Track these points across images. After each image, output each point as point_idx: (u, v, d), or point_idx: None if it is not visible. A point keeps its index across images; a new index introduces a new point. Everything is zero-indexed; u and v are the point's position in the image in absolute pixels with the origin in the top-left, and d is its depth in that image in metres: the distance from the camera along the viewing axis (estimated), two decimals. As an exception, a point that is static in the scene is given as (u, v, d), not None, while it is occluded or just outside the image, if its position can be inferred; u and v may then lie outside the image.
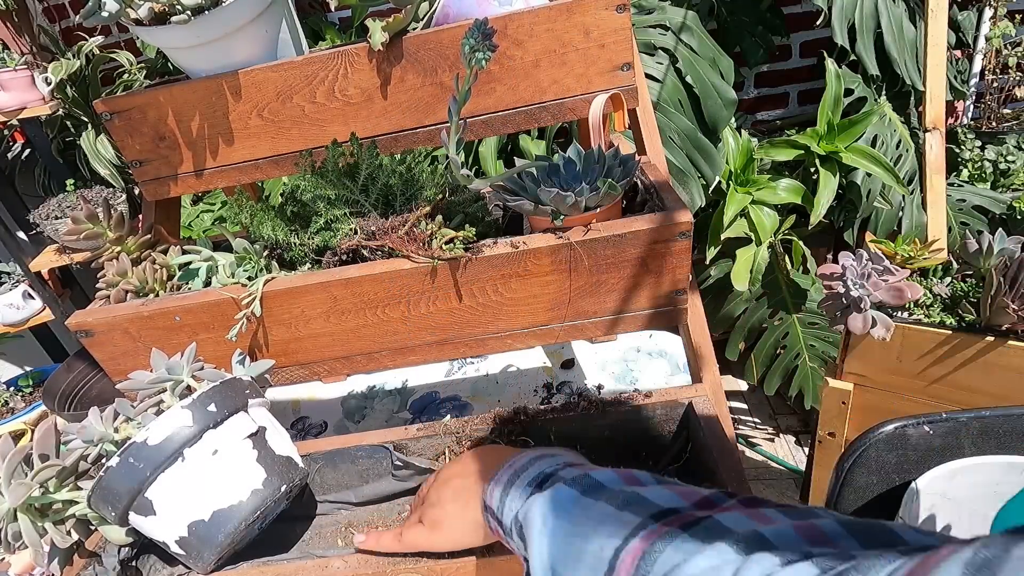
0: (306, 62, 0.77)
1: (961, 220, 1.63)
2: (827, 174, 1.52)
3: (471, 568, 0.54)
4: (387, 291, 0.68)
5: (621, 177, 0.66)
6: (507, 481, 0.49)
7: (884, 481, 0.61)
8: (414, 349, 0.73)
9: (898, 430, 0.60)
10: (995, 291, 0.94)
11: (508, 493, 0.48)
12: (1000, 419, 0.59)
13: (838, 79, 1.54)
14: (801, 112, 2.05)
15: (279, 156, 0.82)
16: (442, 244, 0.65)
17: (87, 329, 0.71)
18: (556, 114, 0.80)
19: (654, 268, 0.67)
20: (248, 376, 0.65)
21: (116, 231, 0.78)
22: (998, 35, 1.72)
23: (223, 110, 0.79)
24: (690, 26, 1.54)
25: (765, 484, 1.82)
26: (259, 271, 0.73)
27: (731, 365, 2.11)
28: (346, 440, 0.70)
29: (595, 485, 0.43)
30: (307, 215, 0.74)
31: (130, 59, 1.79)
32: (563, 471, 0.47)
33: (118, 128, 0.80)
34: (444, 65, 0.77)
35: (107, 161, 1.76)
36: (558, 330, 0.71)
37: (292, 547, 0.63)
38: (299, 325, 0.71)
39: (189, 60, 0.78)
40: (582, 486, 0.43)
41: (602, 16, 0.74)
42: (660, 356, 1.01)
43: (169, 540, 0.56)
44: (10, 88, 1.58)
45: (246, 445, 0.58)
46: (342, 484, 0.69)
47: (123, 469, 0.54)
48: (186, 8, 0.70)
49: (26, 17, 1.69)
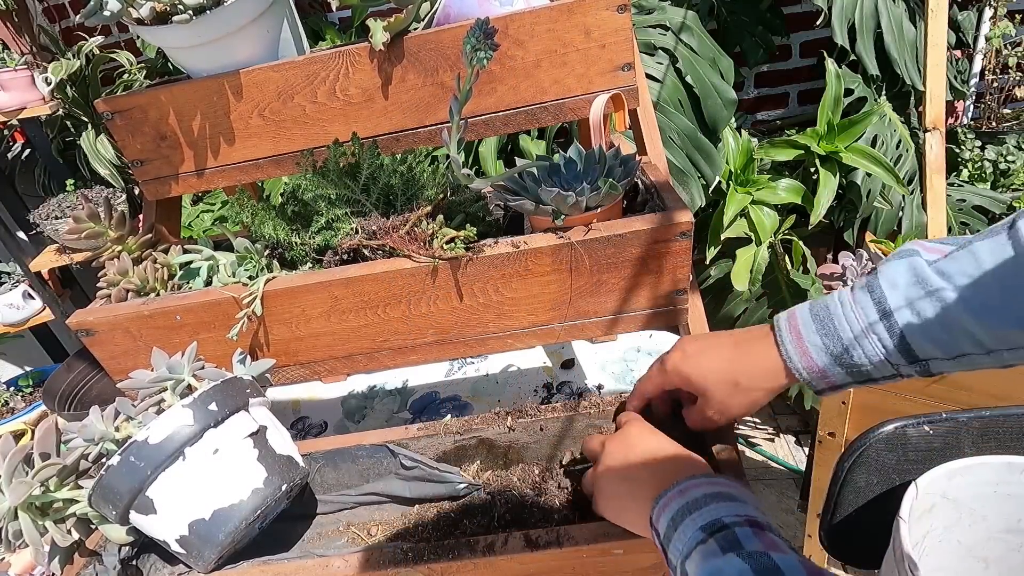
0: (307, 62, 0.77)
1: (961, 220, 1.63)
2: (827, 174, 1.52)
3: (471, 568, 0.54)
4: (388, 291, 0.68)
5: (622, 177, 0.66)
6: (677, 512, 0.45)
7: (884, 481, 0.61)
8: (414, 349, 0.73)
9: (898, 430, 0.60)
10: (995, 291, 0.94)
11: (676, 528, 0.44)
12: (1000, 419, 0.59)
13: (838, 79, 1.54)
14: (801, 112, 2.05)
15: (280, 156, 0.82)
16: (443, 244, 0.65)
17: (88, 328, 0.71)
18: (557, 114, 0.80)
19: (654, 268, 0.67)
20: (249, 375, 0.65)
21: (117, 230, 0.78)
22: (998, 35, 1.72)
23: (224, 110, 0.79)
24: (690, 26, 1.54)
25: (765, 484, 1.82)
26: (260, 270, 0.73)
27: (731, 365, 2.10)
28: (346, 440, 0.70)
29: (772, 569, 0.38)
30: (308, 214, 0.74)
31: (130, 59, 1.79)
32: (741, 529, 0.42)
33: (119, 128, 0.80)
34: (445, 65, 0.77)
35: (107, 161, 1.76)
36: (559, 330, 0.71)
37: (293, 546, 0.63)
38: (300, 324, 0.71)
39: (190, 60, 0.78)
40: (757, 567, 0.39)
41: (603, 16, 0.74)
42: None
43: (170, 539, 0.56)
44: (10, 88, 1.58)
45: (247, 444, 0.58)
46: (342, 484, 0.69)
47: (124, 468, 0.54)
48: (188, 8, 0.70)
49: (26, 17, 1.69)
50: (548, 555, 0.52)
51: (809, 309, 0.51)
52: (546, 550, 0.52)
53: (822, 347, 0.49)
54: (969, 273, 0.43)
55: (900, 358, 0.47)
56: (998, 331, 0.43)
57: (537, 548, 0.52)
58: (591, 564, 0.52)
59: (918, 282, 0.45)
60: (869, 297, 0.47)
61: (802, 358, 0.50)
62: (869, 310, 0.47)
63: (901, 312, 0.46)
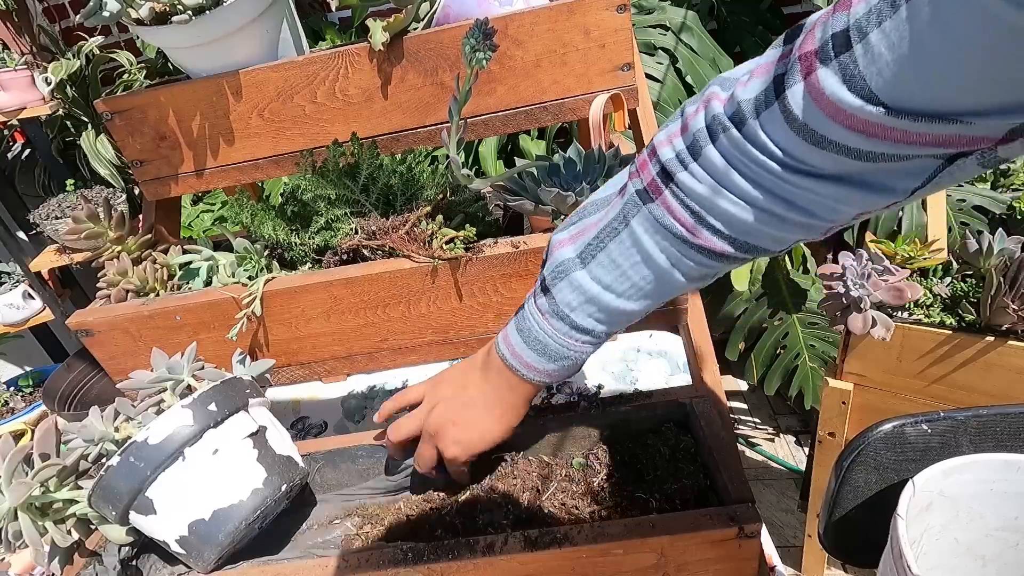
0: (307, 62, 0.77)
1: (961, 220, 1.63)
2: (827, 174, 1.52)
3: (471, 568, 0.54)
4: (387, 291, 0.68)
5: (621, 177, 0.66)
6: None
7: (883, 479, 0.61)
8: (414, 349, 0.73)
9: (896, 429, 0.60)
10: (995, 291, 0.94)
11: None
12: (997, 417, 0.59)
13: (838, 79, 1.54)
14: (801, 112, 2.05)
15: (280, 156, 0.82)
16: (442, 244, 0.65)
17: (87, 328, 0.71)
18: (556, 114, 0.80)
19: (654, 268, 0.67)
20: (248, 376, 0.65)
21: (117, 231, 0.78)
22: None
23: (224, 110, 0.79)
24: (690, 26, 1.54)
25: (765, 484, 1.83)
26: (260, 271, 0.73)
27: (731, 365, 2.10)
28: (346, 440, 0.70)
29: None
30: (308, 215, 0.74)
31: (130, 59, 1.79)
32: None
33: (119, 128, 0.81)
34: (445, 65, 0.77)
35: (107, 161, 1.76)
36: (558, 330, 0.71)
37: (293, 546, 0.63)
38: (299, 325, 0.71)
39: (190, 60, 0.78)
40: None
41: (602, 16, 0.74)
42: (660, 356, 1.01)
43: (170, 539, 0.56)
44: (10, 88, 1.58)
45: (246, 444, 0.58)
46: (342, 483, 0.70)
47: (124, 468, 0.54)
48: (187, 8, 0.70)
49: (26, 17, 1.69)
50: (548, 555, 0.52)
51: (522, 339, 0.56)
52: (546, 550, 0.52)
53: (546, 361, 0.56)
54: (616, 280, 0.50)
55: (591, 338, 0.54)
56: (654, 305, 0.52)
57: (537, 548, 0.52)
58: (591, 564, 0.53)
59: (586, 298, 0.52)
60: (562, 322, 0.53)
61: (529, 371, 0.56)
62: (568, 331, 0.53)
63: (588, 321, 0.53)
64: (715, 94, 0.43)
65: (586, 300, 0.51)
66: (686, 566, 0.53)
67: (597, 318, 0.52)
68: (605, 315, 0.52)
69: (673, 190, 0.45)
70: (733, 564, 0.52)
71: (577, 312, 0.52)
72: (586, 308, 0.52)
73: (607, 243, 0.49)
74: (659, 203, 0.46)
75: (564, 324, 0.53)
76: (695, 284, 0.51)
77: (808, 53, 0.35)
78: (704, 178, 0.43)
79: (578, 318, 0.52)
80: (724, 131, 0.41)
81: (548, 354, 0.54)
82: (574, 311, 0.52)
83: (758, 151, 0.40)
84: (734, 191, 0.42)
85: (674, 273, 0.48)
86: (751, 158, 0.40)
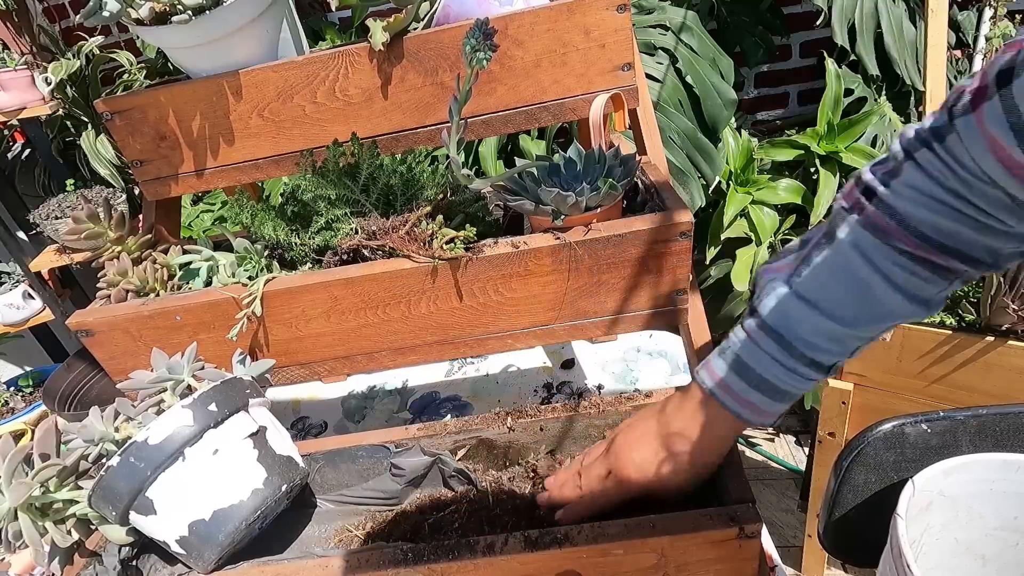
0: (307, 62, 0.77)
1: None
2: (827, 174, 1.52)
3: (471, 568, 0.54)
4: (388, 291, 0.68)
5: (622, 177, 0.66)
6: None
7: (882, 479, 0.61)
8: (414, 349, 0.73)
9: (896, 428, 0.60)
10: (995, 291, 0.95)
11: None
12: (997, 417, 0.59)
13: (838, 79, 1.54)
14: (801, 112, 2.05)
15: (280, 156, 0.82)
16: (443, 244, 0.65)
17: (87, 329, 0.71)
18: (557, 114, 0.80)
19: (654, 268, 0.67)
20: (249, 376, 0.65)
21: (117, 231, 0.78)
22: (998, 35, 1.72)
23: (224, 110, 0.79)
24: (690, 26, 1.54)
25: (765, 484, 1.83)
26: (260, 271, 0.73)
27: (731, 365, 2.10)
28: (346, 440, 0.70)
29: None
30: (308, 215, 0.74)
31: (130, 59, 1.79)
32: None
33: (119, 128, 0.80)
34: (445, 65, 0.77)
35: (107, 161, 1.76)
36: (559, 330, 0.71)
37: (293, 546, 0.64)
38: (300, 325, 0.71)
39: (190, 60, 0.78)
40: None
41: (603, 16, 0.74)
42: (660, 356, 1.01)
43: (170, 539, 0.56)
44: (10, 88, 1.58)
45: (247, 444, 0.58)
46: (342, 484, 0.70)
47: (124, 468, 0.54)
48: (187, 8, 0.70)
49: (26, 17, 1.69)
50: (548, 555, 0.52)
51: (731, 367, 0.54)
52: (546, 550, 0.52)
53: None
54: (821, 292, 0.49)
55: (814, 373, 0.51)
56: (870, 327, 0.49)
57: (537, 548, 0.52)
58: (591, 564, 0.53)
59: (788, 318, 0.50)
60: (774, 343, 0.51)
61: (745, 408, 0.54)
62: (780, 355, 0.51)
63: (801, 342, 0.50)
64: None
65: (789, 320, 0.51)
66: (686, 566, 0.53)
67: None
68: None
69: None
70: (733, 564, 0.52)
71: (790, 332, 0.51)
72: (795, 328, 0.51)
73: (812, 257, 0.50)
74: None
75: (775, 344, 0.52)
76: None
77: None
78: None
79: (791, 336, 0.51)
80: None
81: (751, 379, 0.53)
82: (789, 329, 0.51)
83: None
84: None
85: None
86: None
